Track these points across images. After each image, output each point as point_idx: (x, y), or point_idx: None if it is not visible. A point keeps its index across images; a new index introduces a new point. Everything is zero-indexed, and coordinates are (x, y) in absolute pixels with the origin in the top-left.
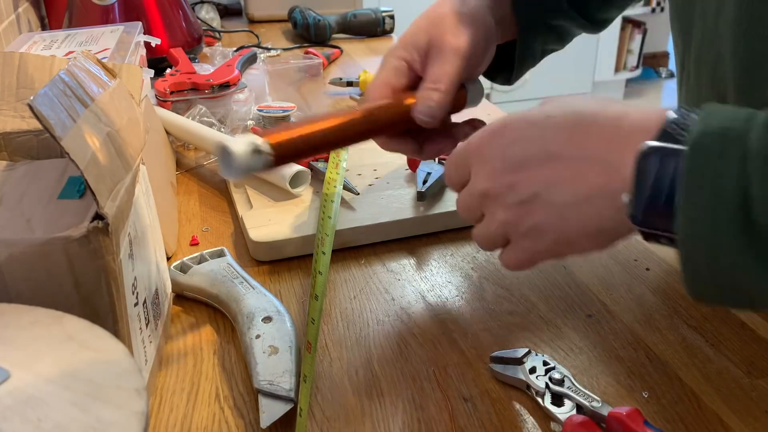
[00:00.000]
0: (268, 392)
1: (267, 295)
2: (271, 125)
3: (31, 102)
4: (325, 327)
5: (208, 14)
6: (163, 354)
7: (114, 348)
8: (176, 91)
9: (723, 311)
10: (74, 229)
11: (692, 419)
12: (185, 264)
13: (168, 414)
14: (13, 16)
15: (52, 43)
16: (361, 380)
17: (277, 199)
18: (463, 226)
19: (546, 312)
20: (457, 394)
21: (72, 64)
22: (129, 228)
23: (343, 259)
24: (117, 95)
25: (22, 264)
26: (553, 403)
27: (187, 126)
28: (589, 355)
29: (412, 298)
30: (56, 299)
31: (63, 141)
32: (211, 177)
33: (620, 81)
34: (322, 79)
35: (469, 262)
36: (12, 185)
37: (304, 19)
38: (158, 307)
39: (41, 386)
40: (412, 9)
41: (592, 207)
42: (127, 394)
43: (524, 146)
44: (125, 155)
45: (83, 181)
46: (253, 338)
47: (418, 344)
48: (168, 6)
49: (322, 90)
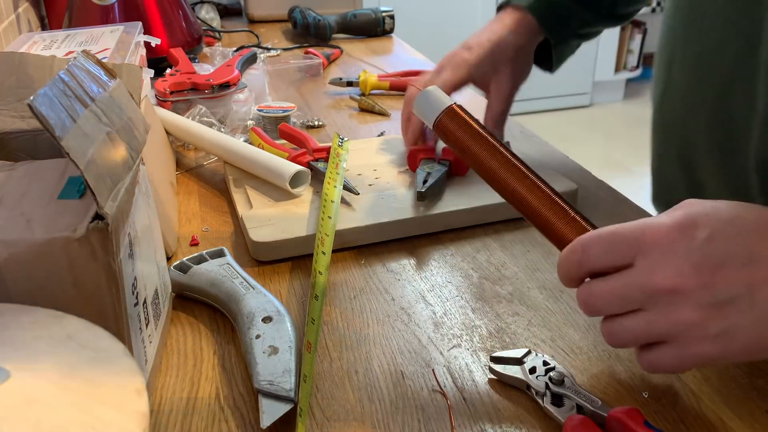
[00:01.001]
0: (268, 392)
1: (267, 295)
2: (271, 125)
3: (31, 102)
4: (325, 327)
5: (208, 14)
6: (163, 354)
7: (114, 348)
8: (176, 91)
9: None
10: (74, 229)
11: (692, 419)
12: (185, 264)
13: (168, 414)
14: (13, 16)
15: (52, 43)
16: (361, 380)
17: (277, 199)
18: (463, 227)
19: (546, 312)
20: (457, 394)
21: (72, 64)
22: (129, 228)
23: (343, 259)
24: (117, 95)
25: (22, 264)
26: (553, 403)
27: (187, 126)
28: (589, 355)
29: (412, 298)
30: (56, 299)
31: (63, 141)
32: (211, 177)
33: (620, 81)
34: (322, 79)
35: (469, 262)
36: (12, 185)
37: (304, 19)
38: (158, 307)
39: (41, 386)
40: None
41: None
42: (127, 394)
43: (725, 245)
44: (125, 155)
45: (83, 181)
46: (253, 338)
47: (418, 344)
48: (168, 6)
49: (322, 90)
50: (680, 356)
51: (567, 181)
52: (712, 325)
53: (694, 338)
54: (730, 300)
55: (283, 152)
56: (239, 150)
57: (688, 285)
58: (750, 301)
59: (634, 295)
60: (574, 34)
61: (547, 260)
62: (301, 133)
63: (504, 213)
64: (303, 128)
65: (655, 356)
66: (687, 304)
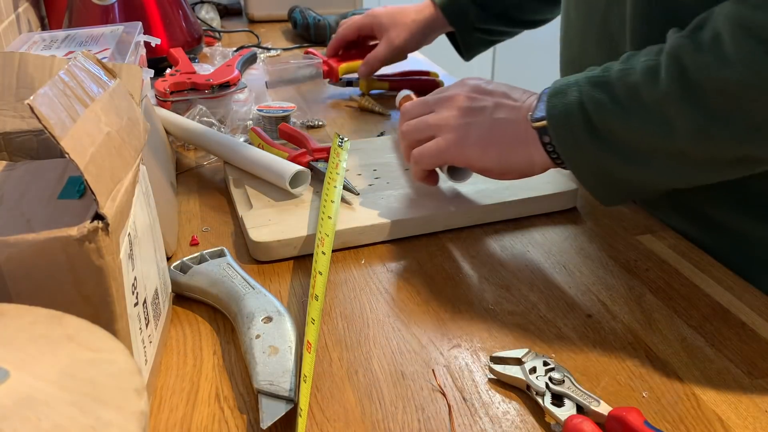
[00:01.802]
0: (268, 392)
1: (267, 295)
2: (270, 125)
3: (31, 102)
4: (325, 327)
5: (208, 14)
6: (163, 354)
7: (114, 348)
8: (176, 91)
9: (723, 311)
10: (74, 229)
11: (692, 419)
12: (185, 264)
13: (168, 414)
14: (13, 16)
15: (52, 43)
16: (361, 380)
17: (277, 199)
18: (464, 227)
19: (546, 312)
20: (457, 394)
21: (72, 64)
22: (129, 228)
23: (343, 259)
24: (117, 95)
25: (22, 264)
26: (553, 403)
27: (187, 126)
28: (589, 355)
29: (411, 298)
30: (56, 299)
31: (63, 141)
32: (211, 177)
33: None
34: (322, 79)
35: (470, 262)
36: (12, 185)
37: (304, 19)
38: (158, 307)
39: (41, 386)
40: None
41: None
42: (127, 394)
43: (493, 86)
44: (125, 155)
45: (83, 181)
46: (253, 338)
47: (418, 344)
48: (168, 6)
49: (322, 90)
50: (436, 143)
51: (567, 181)
52: (461, 120)
53: (446, 127)
54: (480, 109)
55: (283, 152)
56: (239, 150)
57: (459, 94)
58: (491, 112)
59: (427, 122)
60: (474, 27)
61: (547, 260)
62: (301, 133)
63: (504, 213)
64: (303, 128)
65: (422, 148)
66: (452, 107)
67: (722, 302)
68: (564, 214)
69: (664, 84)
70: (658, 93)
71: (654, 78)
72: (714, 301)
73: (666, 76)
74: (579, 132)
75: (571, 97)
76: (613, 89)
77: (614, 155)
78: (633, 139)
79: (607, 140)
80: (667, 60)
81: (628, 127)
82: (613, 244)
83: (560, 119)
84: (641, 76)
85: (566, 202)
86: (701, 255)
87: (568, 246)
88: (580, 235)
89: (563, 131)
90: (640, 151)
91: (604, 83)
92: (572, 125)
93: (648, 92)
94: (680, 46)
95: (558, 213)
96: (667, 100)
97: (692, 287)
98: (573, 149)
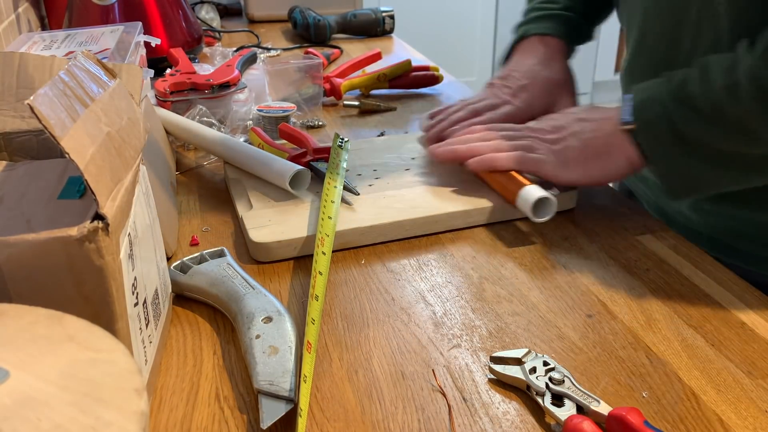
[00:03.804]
0: (268, 392)
1: (267, 295)
2: (270, 125)
3: (31, 102)
4: (325, 327)
5: (208, 14)
6: (163, 354)
7: (114, 348)
8: (176, 91)
9: (723, 311)
10: (74, 229)
11: (692, 419)
12: (185, 264)
13: (168, 414)
14: (13, 16)
15: (52, 43)
16: (361, 380)
17: (277, 200)
18: (464, 227)
19: (546, 312)
20: (457, 394)
21: (72, 64)
22: (129, 228)
23: (343, 259)
24: (117, 95)
25: (22, 264)
26: (553, 403)
27: (187, 126)
28: (589, 355)
29: (412, 298)
30: (56, 299)
31: (63, 141)
32: (211, 177)
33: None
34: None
35: (469, 262)
36: (12, 185)
37: (304, 19)
38: (158, 307)
39: (41, 386)
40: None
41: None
42: (127, 394)
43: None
44: (125, 155)
45: (83, 181)
46: (253, 338)
47: (418, 344)
48: (168, 6)
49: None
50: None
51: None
52: (556, 136)
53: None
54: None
55: (283, 152)
56: (239, 150)
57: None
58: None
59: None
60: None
61: (547, 260)
62: (301, 133)
63: (504, 213)
64: (303, 128)
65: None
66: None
67: (722, 302)
68: (564, 214)
69: (746, 103)
70: (739, 111)
71: (735, 97)
72: (714, 301)
73: (746, 96)
74: (668, 143)
75: (657, 110)
76: (696, 104)
77: (698, 159)
78: (715, 143)
79: (692, 145)
80: (746, 83)
81: (712, 136)
82: (613, 244)
83: (650, 127)
84: (724, 96)
85: (566, 202)
86: (701, 255)
87: (568, 246)
88: (580, 235)
89: (652, 139)
90: (722, 154)
91: (687, 99)
92: (660, 135)
93: (731, 110)
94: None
95: (558, 213)
96: (748, 116)
97: (692, 287)
98: (661, 154)
